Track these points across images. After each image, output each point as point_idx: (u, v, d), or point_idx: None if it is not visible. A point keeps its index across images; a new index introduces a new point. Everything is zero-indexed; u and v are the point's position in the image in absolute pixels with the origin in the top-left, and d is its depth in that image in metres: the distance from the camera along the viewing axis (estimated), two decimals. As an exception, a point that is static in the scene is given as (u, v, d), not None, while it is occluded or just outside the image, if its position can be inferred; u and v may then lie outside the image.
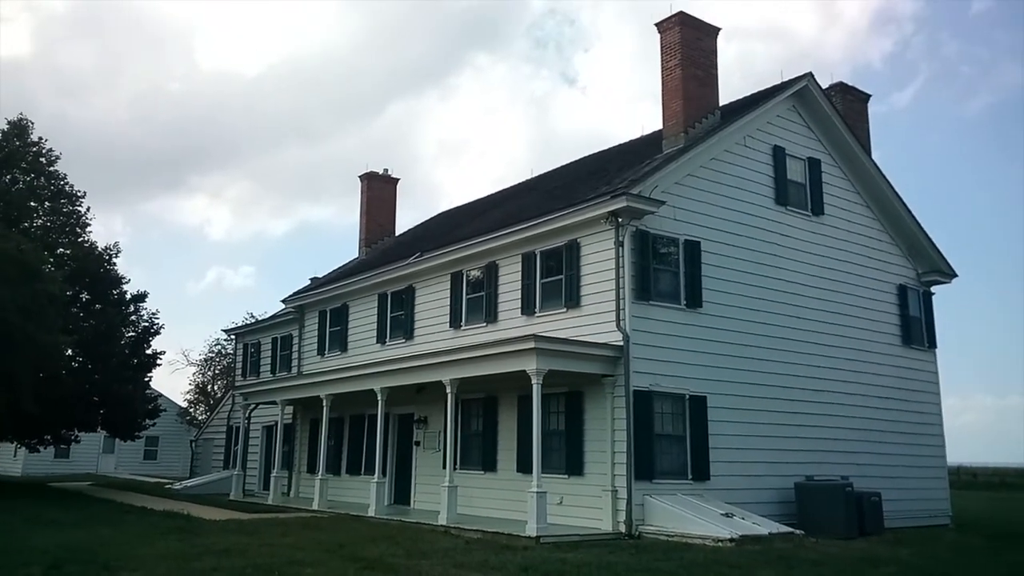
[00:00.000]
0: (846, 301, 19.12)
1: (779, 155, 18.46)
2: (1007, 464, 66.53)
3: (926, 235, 20.78)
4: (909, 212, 20.56)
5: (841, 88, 20.99)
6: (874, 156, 20.36)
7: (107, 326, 27.29)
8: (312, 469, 23.06)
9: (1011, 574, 11.17)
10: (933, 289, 21.42)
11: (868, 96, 21.53)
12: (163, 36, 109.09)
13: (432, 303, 20.49)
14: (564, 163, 24.81)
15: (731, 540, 12.91)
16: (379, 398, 18.35)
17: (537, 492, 13.93)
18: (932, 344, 21.05)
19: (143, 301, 29.69)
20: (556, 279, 16.99)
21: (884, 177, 20.16)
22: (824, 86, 19.65)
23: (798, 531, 14.37)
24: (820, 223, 19.04)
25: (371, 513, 17.59)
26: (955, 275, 21.37)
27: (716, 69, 17.92)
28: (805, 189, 18.95)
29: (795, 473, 16.65)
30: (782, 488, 16.45)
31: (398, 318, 21.73)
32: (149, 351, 29.80)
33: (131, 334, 29.29)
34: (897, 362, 19.99)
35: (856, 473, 17.14)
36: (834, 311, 18.78)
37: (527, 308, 17.53)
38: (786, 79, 19.22)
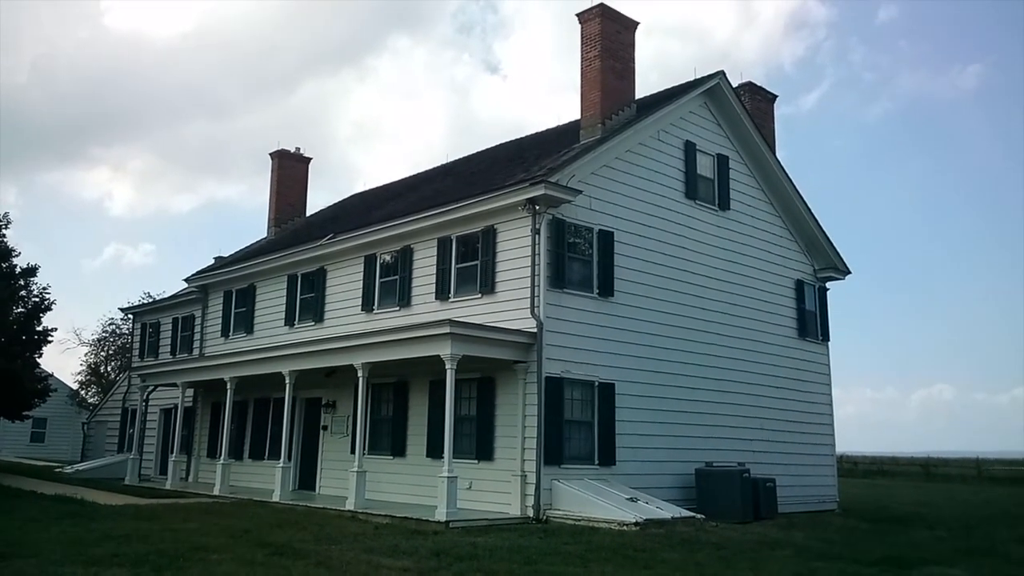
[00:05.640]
0: (747, 294, 19.81)
1: (690, 150, 18.94)
2: (883, 453, 70.51)
3: (824, 233, 21.70)
4: (809, 210, 21.43)
5: (750, 88, 21.69)
6: (779, 155, 21.16)
7: (-6, 300, 25.82)
8: (213, 454, 22.47)
9: (895, 554, 11.89)
10: (828, 285, 22.43)
11: (775, 96, 22.32)
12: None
13: (344, 286, 20.21)
14: (481, 148, 24.83)
15: (636, 524, 13.26)
16: (287, 381, 18.02)
17: (448, 477, 13.99)
18: (825, 337, 22.05)
19: (34, 275, 28.19)
20: (472, 265, 17.01)
21: (787, 176, 20.94)
22: (734, 85, 20.25)
23: (699, 515, 14.85)
24: (726, 218, 19.66)
25: (276, 498, 17.29)
26: (849, 272, 22.40)
27: (634, 63, 18.23)
28: (713, 184, 19.51)
29: (695, 459, 17.21)
30: (683, 474, 16.98)
31: (308, 300, 21.35)
32: (40, 328, 28.36)
33: (20, 310, 27.81)
34: (792, 354, 20.87)
35: (752, 460, 17.83)
36: (735, 303, 19.44)
37: (442, 293, 17.51)
38: (699, 76, 19.74)
